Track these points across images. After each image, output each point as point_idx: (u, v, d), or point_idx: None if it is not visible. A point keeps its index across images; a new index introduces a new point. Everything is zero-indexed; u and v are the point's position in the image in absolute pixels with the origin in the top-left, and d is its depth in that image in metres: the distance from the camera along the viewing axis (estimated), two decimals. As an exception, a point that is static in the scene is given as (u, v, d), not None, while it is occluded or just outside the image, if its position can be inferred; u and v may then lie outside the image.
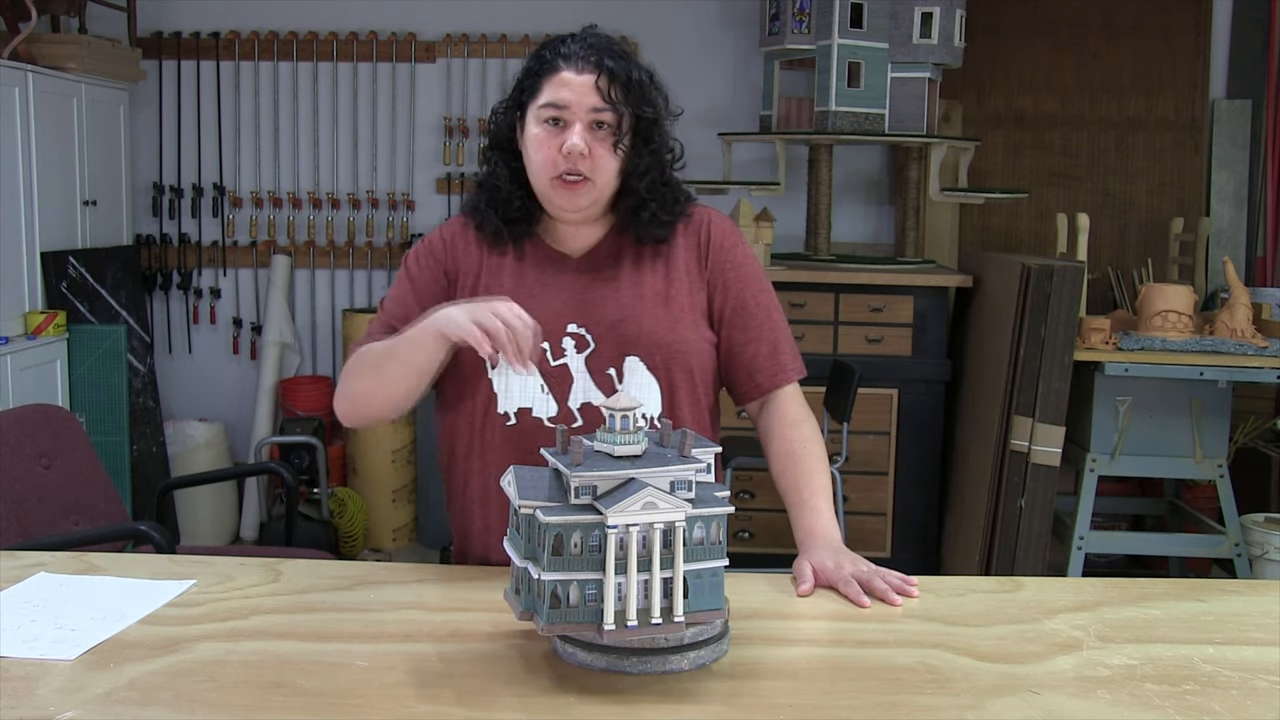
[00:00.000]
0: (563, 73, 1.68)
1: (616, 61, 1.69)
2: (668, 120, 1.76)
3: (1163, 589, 1.63)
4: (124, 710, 1.18)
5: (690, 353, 1.75)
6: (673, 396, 1.74)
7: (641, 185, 1.73)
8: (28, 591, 1.53)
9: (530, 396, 1.71)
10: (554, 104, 1.67)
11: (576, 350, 1.72)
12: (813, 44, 4.25)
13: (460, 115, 4.91)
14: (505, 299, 1.55)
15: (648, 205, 1.74)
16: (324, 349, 5.08)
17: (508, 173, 1.76)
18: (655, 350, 1.72)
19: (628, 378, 1.72)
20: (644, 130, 1.71)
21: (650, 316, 1.74)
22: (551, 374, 1.71)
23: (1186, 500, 4.29)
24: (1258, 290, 4.28)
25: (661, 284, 1.77)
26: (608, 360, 1.72)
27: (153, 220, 4.95)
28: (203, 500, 4.65)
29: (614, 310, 1.74)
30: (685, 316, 1.76)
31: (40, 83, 3.96)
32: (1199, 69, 4.77)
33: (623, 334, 1.72)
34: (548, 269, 1.77)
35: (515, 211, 1.77)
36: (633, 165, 1.72)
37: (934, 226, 4.75)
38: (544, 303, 1.73)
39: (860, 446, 4.11)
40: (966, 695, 1.25)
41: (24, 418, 2.67)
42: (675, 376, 1.74)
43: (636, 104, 1.69)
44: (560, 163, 1.68)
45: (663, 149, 1.75)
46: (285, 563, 1.67)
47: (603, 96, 1.67)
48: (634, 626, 1.22)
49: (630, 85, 1.69)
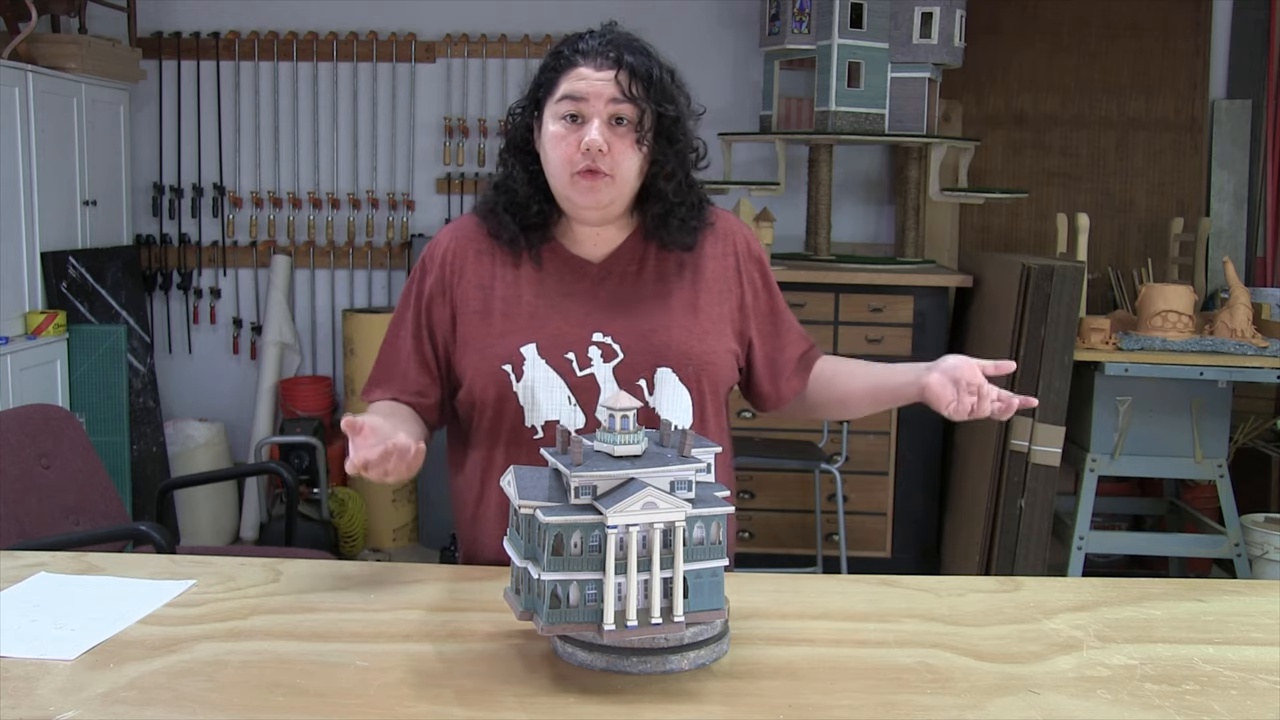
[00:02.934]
0: (580, 68, 1.63)
1: (637, 57, 1.64)
2: (690, 120, 1.71)
3: (1163, 589, 1.63)
4: (124, 710, 1.18)
5: (719, 364, 1.73)
6: (702, 408, 1.71)
7: (669, 187, 1.68)
8: (28, 591, 1.53)
9: (557, 409, 1.67)
10: (571, 96, 1.62)
11: (604, 360, 1.68)
12: (813, 44, 4.25)
13: (460, 115, 4.91)
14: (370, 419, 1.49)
15: (676, 211, 1.69)
16: (324, 349, 5.07)
17: (525, 175, 1.71)
18: (687, 361, 1.69)
19: (659, 388, 1.68)
20: (667, 129, 1.66)
21: (680, 327, 1.70)
22: (579, 385, 1.67)
23: (1186, 500, 4.29)
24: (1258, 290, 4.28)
25: (689, 293, 1.73)
26: (638, 371, 1.67)
27: (153, 220, 4.95)
28: (203, 500, 4.65)
29: (641, 319, 1.69)
30: (713, 327, 1.74)
31: (40, 83, 3.96)
32: (1199, 69, 4.77)
33: (652, 344, 1.68)
34: (568, 277, 1.72)
35: (533, 217, 1.71)
36: (658, 166, 1.67)
37: (934, 226, 4.75)
38: (566, 312, 1.69)
39: (860, 446, 4.11)
40: (966, 695, 1.25)
41: (24, 418, 2.67)
42: (704, 388, 1.71)
43: (658, 100, 1.64)
44: (579, 159, 1.62)
45: (687, 148, 1.70)
46: (285, 563, 1.67)
47: (621, 90, 1.61)
48: (634, 626, 1.22)
49: (651, 82, 1.63)
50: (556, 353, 1.67)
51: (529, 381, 1.67)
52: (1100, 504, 3.91)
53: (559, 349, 1.67)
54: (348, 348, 4.76)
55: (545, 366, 1.67)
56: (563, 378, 1.67)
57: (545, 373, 1.67)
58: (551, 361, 1.67)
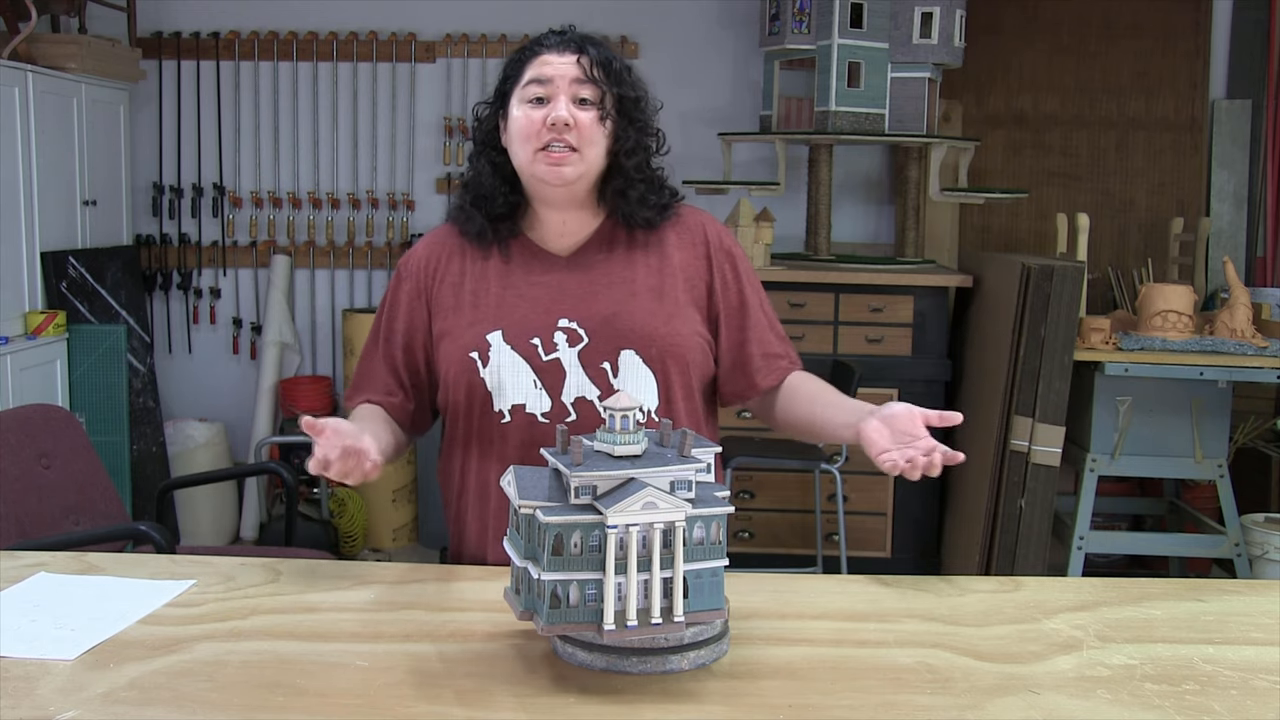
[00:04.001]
0: (544, 55, 1.72)
1: (597, 47, 1.73)
2: (650, 108, 1.78)
3: (1163, 589, 1.63)
4: (124, 710, 1.18)
5: (685, 346, 1.75)
6: (668, 390, 1.74)
7: (630, 164, 1.74)
8: (28, 591, 1.53)
9: (524, 393, 1.71)
10: (537, 79, 1.70)
11: (569, 345, 1.72)
12: (813, 44, 4.25)
13: (460, 115, 4.90)
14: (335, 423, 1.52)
15: (635, 185, 1.75)
16: (324, 349, 5.07)
17: (491, 168, 1.77)
18: (650, 344, 1.72)
19: (623, 371, 1.72)
20: (628, 109, 1.73)
21: (644, 310, 1.74)
22: (544, 369, 1.71)
23: (1186, 500, 4.29)
24: (1258, 290, 4.28)
25: (655, 278, 1.77)
26: (602, 354, 1.71)
27: (153, 220, 4.95)
28: (203, 500, 4.65)
29: (606, 304, 1.73)
30: (679, 311, 1.76)
31: (40, 83, 3.96)
32: (1199, 69, 4.77)
33: (616, 328, 1.72)
34: (535, 267, 1.77)
35: (500, 208, 1.77)
36: (620, 144, 1.73)
37: (934, 226, 4.75)
38: (532, 300, 1.74)
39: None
40: (966, 695, 1.25)
41: (24, 418, 2.67)
42: (670, 370, 1.73)
43: (618, 83, 1.72)
44: (545, 134, 1.68)
45: (648, 130, 1.77)
46: (285, 563, 1.67)
47: (585, 72, 1.69)
48: (634, 626, 1.22)
49: (610, 67, 1.72)
50: (522, 338, 1.72)
51: (495, 367, 1.71)
52: (1100, 504, 3.91)
53: (524, 335, 1.72)
54: (347, 348, 4.76)
55: (511, 352, 1.72)
56: (528, 362, 1.71)
57: (511, 358, 1.71)
58: (517, 347, 1.72)
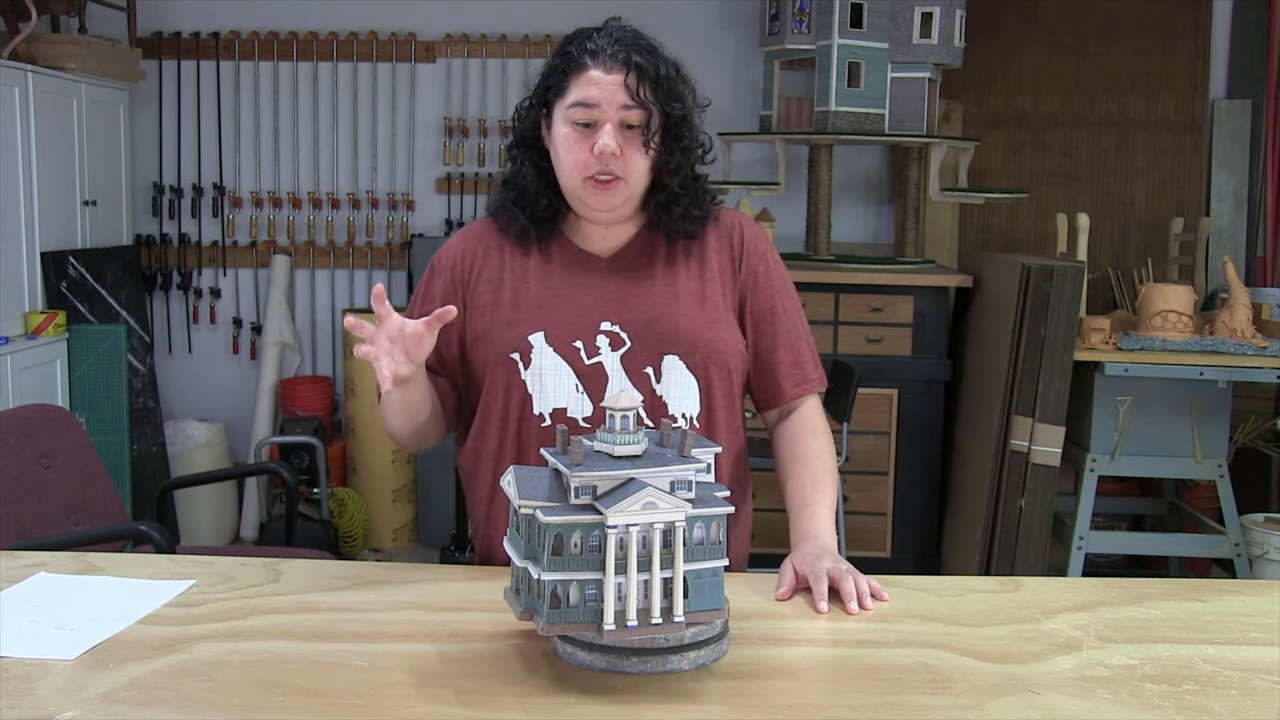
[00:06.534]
0: (590, 71, 1.66)
1: (644, 57, 1.67)
2: (696, 114, 1.74)
3: (1163, 589, 1.63)
4: (124, 710, 1.18)
5: (727, 352, 1.73)
6: (710, 396, 1.72)
7: (674, 182, 1.72)
8: (28, 591, 1.53)
9: (565, 396, 1.68)
10: (583, 103, 1.65)
11: (611, 348, 1.69)
12: (813, 44, 4.25)
13: (460, 115, 4.90)
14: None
15: (680, 200, 1.73)
16: (324, 349, 5.07)
17: (534, 171, 1.74)
18: (694, 349, 1.70)
19: (666, 376, 1.69)
20: (674, 127, 1.70)
21: (686, 315, 1.72)
22: (586, 373, 1.68)
23: (1186, 500, 4.29)
24: (1258, 290, 4.28)
25: (696, 283, 1.75)
26: (644, 359, 1.69)
27: (153, 220, 4.95)
28: (203, 500, 4.65)
29: (648, 308, 1.71)
30: (721, 316, 1.75)
31: (40, 83, 3.96)
32: (1199, 69, 4.77)
33: (659, 332, 1.70)
34: (576, 269, 1.75)
35: (543, 211, 1.75)
36: (664, 162, 1.70)
37: (934, 226, 4.75)
38: (574, 301, 1.72)
39: (860, 446, 4.10)
40: (966, 695, 1.25)
41: (24, 418, 2.67)
42: (713, 375, 1.72)
43: (665, 101, 1.68)
44: (592, 164, 1.65)
45: (693, 144, 1.74)
46: (285, 563, 1.67)
47: (631, 95, 1.64)
48: (634, 626, 1.22)
49: (659, 81, 1.67)
50: (564, 341, 1.69)
51: (537, 369, 1.69)
52: (1100, 504, 3.91)
53: (567, 337, 1.69)
54: (347, 348, 4.76)
55: (553, 354, 1.69)
56: (570, 365, 1.69)
57: (553, 360, 1.69)
58: (559, 349, 1.69)
